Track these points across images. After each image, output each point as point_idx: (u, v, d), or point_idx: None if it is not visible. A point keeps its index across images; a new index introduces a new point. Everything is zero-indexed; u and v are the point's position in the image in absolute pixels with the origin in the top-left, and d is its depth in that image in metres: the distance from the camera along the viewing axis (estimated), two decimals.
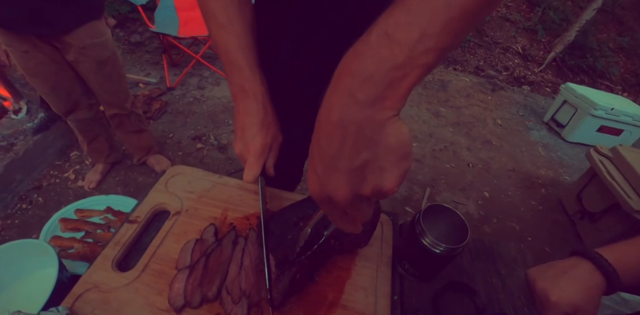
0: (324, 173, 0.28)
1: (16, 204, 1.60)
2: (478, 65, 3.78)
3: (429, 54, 0.24)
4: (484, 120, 2.69)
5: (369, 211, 0.31)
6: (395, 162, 0.27)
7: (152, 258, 0.53)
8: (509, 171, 2.20)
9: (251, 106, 0.50)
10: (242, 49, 0.50)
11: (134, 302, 0.47)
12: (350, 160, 0.26)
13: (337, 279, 0.52)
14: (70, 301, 0.47)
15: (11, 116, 1.74)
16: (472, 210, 1.86)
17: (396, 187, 0.27)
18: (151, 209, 0.61)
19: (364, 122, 0.25)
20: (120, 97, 1.42)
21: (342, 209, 0.30)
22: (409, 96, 0.27)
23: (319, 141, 0.28)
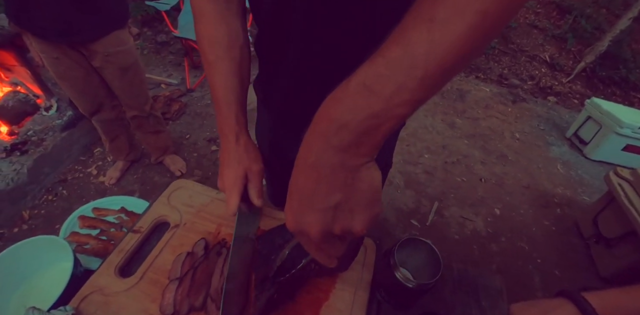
0: (298, 209, 0.30)
1: (43, 196, 1.72)
2: (502, 73, 3.68)
3: (404, 105, 0.25)
4: (502, 133, 2.62)
5: (341, 248, 0.33)
6: (365, 206, 0.29)
7: (149, 267, 0.58)
8: (523, 188, 2.14)
9: (226, 142, 0.54)
10: (225, 87, 0.53)
11: (131, 307, 0.52)
12: (323, 200, 0.28)
13: (315, 300, 0.54)
14: (76, 302, 0.52)
15: (42, 113, 1.88)
16: (480, 228, 1.82)
17: (364, 229, 0.29)
18: (153, 221, 0.66)
19: (337, 166, 0.27)
20: (140, 100, 1.51)
21: (314, 243, 0.32)
22: (425, 105, 0.29)
23: (297, 180, 0.30)
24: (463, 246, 1.70)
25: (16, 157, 1.66)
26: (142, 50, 2.86)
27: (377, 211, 0.30)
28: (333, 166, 0.27)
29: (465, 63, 0.26)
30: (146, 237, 0.64)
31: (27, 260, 0.82)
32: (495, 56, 3.93)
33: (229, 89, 0.53)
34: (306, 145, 0.29)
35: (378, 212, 0.30)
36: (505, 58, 3.91)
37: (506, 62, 3.86)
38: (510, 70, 3.79)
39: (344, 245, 0.33)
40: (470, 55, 0.24)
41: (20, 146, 1.70)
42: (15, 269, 0.81)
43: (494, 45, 3.90)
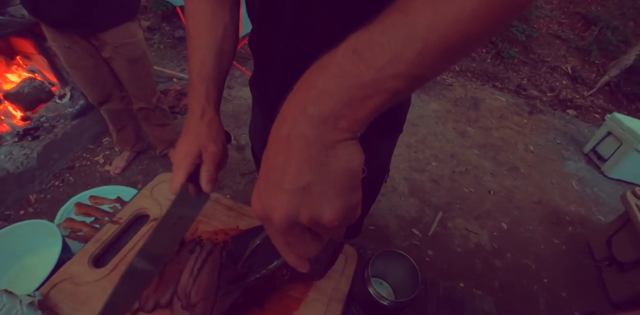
0: (265, 189, 0.26)
1: (50, 181, 1.76)
2: (520, 83, 3.58)
3: (397, 79, 0.22)
4: (515, 144, 2.53)
5: (313, 247, 0.28)
6: (338, 192, 0.24)
7: (122, 260, 0.56)
8: (534, 203, 2.05)
9: (190, 117, 0.51)
10: (200, 61, 0.50)
11: (98, 298, 0.50)
12: (292, 179, 0.24)
13: (284, 308, 0.51)
14: (47, 288, 0.51)
15: (56, 101, 1.92)
16: (485, 242, 1.75)
17: (336, 220, 0.24)
18: (133, 212, 0.65)
19: (312, 140, 0.23)
20: (147, 92, 1.53)
21: (281, 234, 0.27)
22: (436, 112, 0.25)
23: (267, 154, 0.27)
24: (465, 259, 1.63)
25: (27, 142, 1.70)
26: (159, 44, 2.91)
27: (353, 201, 0.25)
28: (307, 139, 0.24)
29: (468, 48, 0.23)
30: (125, 228, 0.63)
31: (20, 243, 0.85)
32: (515, 65, 3.83)
33: (205, 63, 0.51)
34: (281, 116, 0.26)
35: (354, 204, 0.25)
36: (525, 68, 3.80)
37: (525, 72, 3.75)
38: (529, 80, 3.69)
39: (316, 244, 0.29)
40: (474, 38, 0.22)
41: (32, 131, 1.74)
42: (7, 251, 0.83)
43: (514, 54, 3.80)
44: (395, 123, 0.72)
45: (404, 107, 0.71)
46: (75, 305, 0.50)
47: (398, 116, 0.71)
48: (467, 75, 3.57)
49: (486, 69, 3.75)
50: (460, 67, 3.68)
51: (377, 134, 0.68)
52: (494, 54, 3.92)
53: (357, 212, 0.26)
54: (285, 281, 0.51)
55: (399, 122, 0.73)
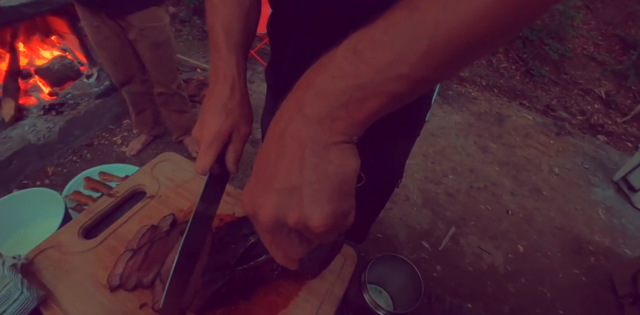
0: (255, 186, 0.25)
1: (68, 156, 1.82)
2: (549, 104, 3.44)
3: (398, 81, 0.21)
4: (539, 165, 2.40)
5: (300, 250, 0.27)
6: (329, 197, 0.23)
7: (112, 234, 0.55)
8: (555, 228, 1.92)
9: (218, 87, 0.45)
10: (226, 29, 0.46)
11: (81, 270, 0.50)
12: (282, 179, 0.24)
13: (272, 305, 0.46)
14: (33, 253, 0.51)
15: (83, 80, 1.99)
16: (499, 263, 1.64)
17: (323, 226, 0.23)
18: (131, 188, 0.63)
19: (306, 139, 0.23)
20: (168, 77, 1.54)
21: (267, 233, 0.26)
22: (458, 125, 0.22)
23: (261, 151, 0.26)
24: (475, 280, 1.53)
25: (51, 116, 1.77)
26: (188, 36, 2.96)
27: (343, 209, 0.24)
28: (300, 139, 0.23)
29: (478, 51, 0.22)
30: (120, 203, 0.62)
31: (25, 210, 0.87)
32: (545, 85, 3.69)
33: (233, 32, 0.46)
34: (279, 113, 0.25)
35: (344, 211, 0.24)
36: (555, 88, 3.66)
37: (556, 93, 3.61)
38: (559, 101, 3.54)
39: (304, 247, 0.27)
40: (484, 40, 0.21)
41: (57, 107, 1.81)
42: (12, 216, 0.84)
43: (545, 73, 3.67)
44: (412, 125, 0.67)
45: (422, 109, 0.66)
46: (58, 273, 0.49)
47: (415, 118, 0.66)
48: (493, 90, 3.46)
49: (514, 86, 3.63)
50: (487, 82, 3.58)
51: (391, 135, 0.65)
52: (524, 72, 3.80)
53: (348, 221, 0.25)
54: (275, 276, 0.46)
55: (416, 125, 0.68)
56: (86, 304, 0.46)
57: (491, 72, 3.85)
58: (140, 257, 0.48)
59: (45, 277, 0.49)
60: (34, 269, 0.50)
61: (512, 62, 3.93)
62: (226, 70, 0.45)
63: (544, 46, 3.74)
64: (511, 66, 3.87)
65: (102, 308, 0.45)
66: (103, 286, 0.48)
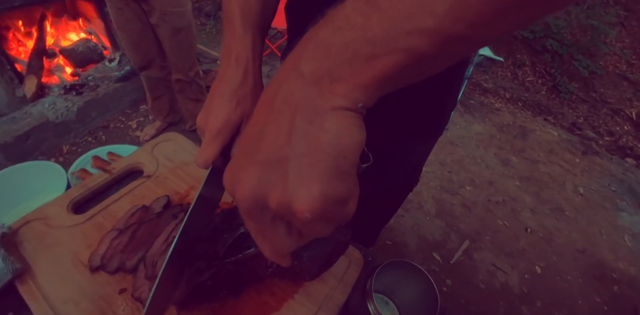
0: (238, 158, 0.22)
1: (84, 136, 1.85)
2: (576, 122, 3.29)
3: (419, 36, 0.17)
4: (563, 183, 2.27)
5: (287, 243, 0.22)
6: (319, 174, 0.18)
7: (102, 211, 0.51)
8: (576, 251, 1.80)
9: (230, 71, 0.39)
10: (243, 7, 0.41)
11: (64, 246, 0.46)
12: (267, 149, 0.19)
13: (263, 305, 0.40)
14: (19, 224, 0.48)
15: (105, 63, 2.03)
16: (514, 283, 1.53)
17: (308, 211, 0.18)
18: (128, 165, 0.59)
19: (298, 102, 0.19)
20: (186, 64, 1.54)
21: (248, 217, 0.22)
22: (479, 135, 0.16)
23: (250, 120, 0.22)
24: (487, 298, 1.43)
25: (71, 96, 1.80)
26: (211, 29, 2.98)
27: (336, 192, 0.18)
28: (292, 101, 0.19)
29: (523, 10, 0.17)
30: (116, 180, 0.58)
31: (29, 182, 0.86)
32: (572, 102, 3.54)
33: (249, 11, 0.41)
34: (274, 76, 0.22)
35: (338, 196, 0.19)
36: (583, 106, 3.51)
37: (583, 111, 3.45)
38: (586, 120, 3.38)
39: (291, 241, 0.22)
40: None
41: (77, 87, 1.84)
42: (15, 188, 0.83)
43: (573, 89, 3.53)
44: (435, 124, 0.62)
45: (447, 107, 0.61)
46: (40, 247, 0.46)
47: (438, 116, 0.60)
48: (517, 104, 3.34)
49: (539, 101, 3.50)
50: (511, 94, 3.46)
51: (411, 134, 0.60)
52: (550, 87, 3.66)
53: (344, 211, 0.20)
54: (269, 273, 0.40)
55: (439, 124, 0.63)
56: (63, 282, 0.42)
57: (516, 85, 3.73)
58: (126, 237, 0.44)
59: (26, 250, 0.45)
60: (16, 240, 0.46)
61: (538, 76, 3.80)
62: (240, 52, 0.40)
63: (574, 62, 3.61)
64: (537, 80, 3.75)
65: (78, 289, 0.41)
66: (84, 266, 0.43)
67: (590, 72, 3.58)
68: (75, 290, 0.41)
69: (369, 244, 0.82)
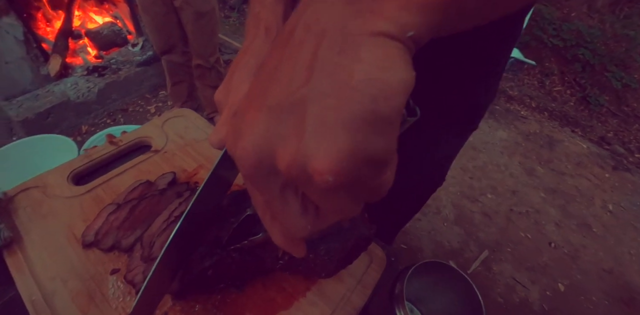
0: (243, 105, 0.17)
1: (103, 117, 1.86)
2: (604, 136, 3.12)
3: None
4: (591, 198, 2.14)
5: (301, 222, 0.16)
6: (347, 120, 0.13)
7: (103, 184, 0.47)
8: (603, 271, 1.67)
9: (257, 42, 0.35)
10: None
11: (59, 216, 0.43)
12: (281, 89, 0.14)
13: (269, 302, 0.35)
14: (16, 190, 0.45)
15: (128, 47, 2.04)
16: (534, 299, 1.43)
17: (329, 173, 0.13)
18: (136, 139, 0.56)
19: (327, 27, 0.14)
20: (207, 50, 1.52)
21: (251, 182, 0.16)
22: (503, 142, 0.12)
23: (263, 60, 0.17)
24: (505, 313, 1.34)
25: (93, 77, 1.82)
26: (235, 21, 2.98)
27: (373, 148, 0.13)
28: (319, 27, 0.14)
29: None
30: (121, 154, 0.55)
31: (40, 155, 0.85)
32: (602, 115, 3.36)
33: None
34: (299, 4, 0.17)
35: (374, 153, 0.13)
36: (613, 120, 3.32)
37: (613, 125, 3.27)
38: (616, 135, 3.20)
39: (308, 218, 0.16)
40: None
41: (100, 69, 1.86)
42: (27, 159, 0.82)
43: (603, 102, 3.35)
44: (471, 114, 0.55)
45: (486, 95, 0.54)
46: (34, 216, 0.43)
47: (476, 106, 0.54)
48: (543, 113, 3.20)
49: (567, 112, 3.34)
50: (537, 103, 3.32)
51: (446, 124, 0.54)
52: (579, 98, 3.49)
53: (378, 179, 0.14)
54: (279, 266, 0.35)
55: (475, 115, 0.56)
56: (53, 256, 0.38)
57: (542, 94, 3.57)
58: (124, 213, 0.39)
59: (20, 218, 0.42)
60: (11, 208, 0.43)
61: (567, 86, 3.63)
62: (270, 22, 0.35)
63: (606, 73, 3.43)
64: (566, 90, 3.58)
65: (68, 265, 0.37)
66: (77, 240, 0.40)
67: (623, 84, 3.40)
68: (65, 267, 0.37)
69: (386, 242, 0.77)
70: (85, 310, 0.34)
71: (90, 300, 0.34)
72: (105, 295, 0.35)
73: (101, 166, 0.51)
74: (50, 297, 0.34)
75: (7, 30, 1.52)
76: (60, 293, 0.35)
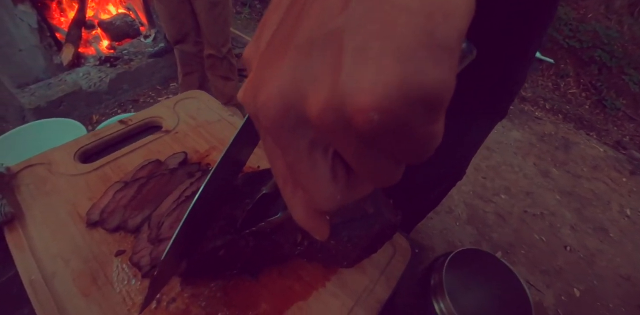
0: (265, 53, 0.14)
1: (114, 108, 1.86)
2: (621, 140, 3.03)
3: None
4: (608, 202, 2.07)
5: (330, 187, 0.14)
6: (395, 47, 0.10)
7: (111, 162, 0.45)
8: (620, 278, 1.61)
9: None
10: None
11: (64, 194, 0.40)
12: (311, 22, 0.12)
13: (286, 292, 0.32)
14: (21, 166, 0.43)
15: (141, 39, 2.04)
16: (548, 303, 1.38)
17: (373, 108, 0.10)
18: (146, 118, 0.53)
19: None
20: (219, 40, 1.50)
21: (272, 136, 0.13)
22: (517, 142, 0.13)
23: None
24: None
25: (105, 67, 1.82)
26: (247, 16, 2.98)
27: (432, 79, 0.10)
28: None
29: None
30: (131, 134, 0.52)
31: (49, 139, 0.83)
32: (617, 119, 3.26)
33: None
34: None
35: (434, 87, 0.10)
36: (629, 124, 3.22)
37: (630, 130, 3.17)
38: (632, 140, 3.11)
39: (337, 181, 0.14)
40: None
41: (112, 60, 1.85)
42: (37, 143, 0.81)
43: (620, 106, 3.26)
44: (501, 100, 0.52)
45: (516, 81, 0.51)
46: (37, 193, 0.40)
47: (507, 92, 0.51)
48: (557, 115, 3.12)
49: (581, 115, 3.25)
50: (551, 105, 3.24)
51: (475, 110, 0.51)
52: (595, 101, 3.40)
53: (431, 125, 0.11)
54: (297, 253, 0.32)
55: (505, 99, 0.53)
56: (55, 234, 0.35)
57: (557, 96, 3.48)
58: (132, 191, 0.37)
59: (22, 195, 0.40)
60: (14, 184, 0.41)
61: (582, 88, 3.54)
62: None
63: (624, 76, 3.34)
64: (581, 93, 3.49)
65: (71, 243, 0.34)
66: (81, 219, 0.37)
67: None
68: (68, 246, 0.34)
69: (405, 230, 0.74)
70: (87, 292, 0.31)
71: (92, 282, 0.32)
72: (109, 278, 0.32)
73: (109, 145, 0.49)
74: (51, 277, 0.32)
75: (22, 18, 1.52)
76: (61, 273, 0.32)
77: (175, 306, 0.31)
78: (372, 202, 0.32)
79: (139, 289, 0.31)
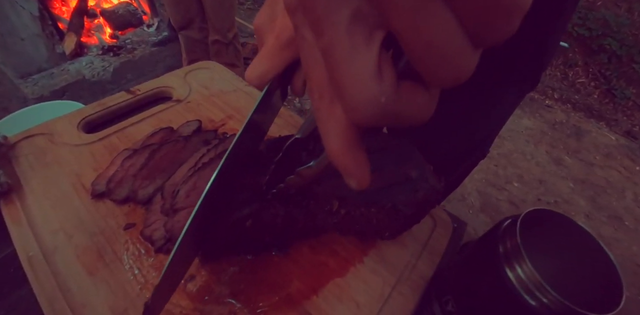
0: None
1: None
2: (630, 130, 2.97)
3: None
4: (622, 191, 2.02)
5: (374, 84, 0.10)
6: None
7: (118, 132, 0.41)
8: (637, 266, 1.58)
9: None
10: None
11: (66, 164, 0.37)
12: None
13: (320, 268, 0.28)
14: (20, 136, 0.41)
15: (144, 28, 2.00)
16: None
17: None
18: (155, 88, 0.49)
19: None
20: (225, 25, 1.46)
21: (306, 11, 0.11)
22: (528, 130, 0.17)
23: None
24: None
25: (109, 56, 1.79)
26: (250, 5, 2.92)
27: None
28: None
29: None
30: (139, 104, 0.48)
31: None
32: (627, 109, 3.20)
33: None
34: None
35: None
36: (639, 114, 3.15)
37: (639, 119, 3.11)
38: None
39: (384, 83, 0.10)
40: None
41: (115, 49, 1.82)
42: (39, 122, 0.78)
43: (630, 95, 3.19)
44: (530, 73, 0.50)
45: (546, 54, 0.48)
46: (36, 164, 0.37)
47: (537, 64, 0.49)
48: (566, 105, 3.06)
49: (591, 105, 3.18)
50: (560, 95, 3.18)
51: (503, 83, 0.49)
52: (604, 90, 3.33)
53: None
54: (331, 225, 0.28)
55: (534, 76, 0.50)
56: (57, 208, 0.32)
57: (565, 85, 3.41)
58: (142, 159, 0.33)
59: (20, 165, 0.36)
60: (12, 155, 0.37)
61: (592, 78, 3.46)
62: None
63: (634, 64, 3.26)
64: (590, 82, 3.42)
65: (74, 218, 0.31)
66: (86, 191, 0.33)
67: None
68: (71, 220, 0.31)
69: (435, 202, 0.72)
70: (92, 269, 0.28)
71: (98, 258, 0.28)
72: (118, 254, 0.29)
73: (115, 116, 0.45)
74: (51, 253, 0.28)
75: (23, 6, 1.48)
76: (63, 249, 0.29)
77: (193, 284, 0.27)
78: (414, 165, 0.28)
79: (151, 265, 0.28)
